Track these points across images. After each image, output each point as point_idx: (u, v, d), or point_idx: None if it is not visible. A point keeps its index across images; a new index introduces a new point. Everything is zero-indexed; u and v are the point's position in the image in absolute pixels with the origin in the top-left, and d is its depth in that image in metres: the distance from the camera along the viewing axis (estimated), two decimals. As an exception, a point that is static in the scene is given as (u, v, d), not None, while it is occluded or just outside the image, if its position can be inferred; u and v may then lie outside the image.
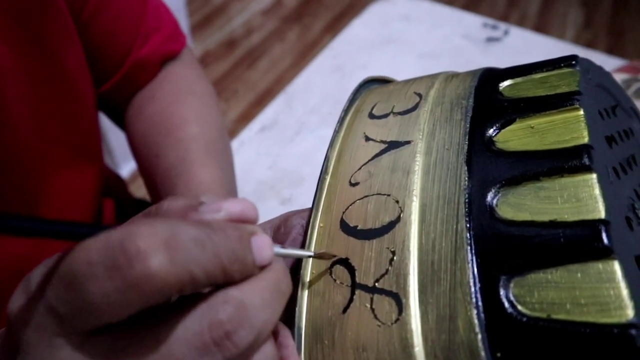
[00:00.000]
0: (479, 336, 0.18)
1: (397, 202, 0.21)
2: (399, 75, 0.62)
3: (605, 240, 0.17)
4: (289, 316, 0.29)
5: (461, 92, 0.25)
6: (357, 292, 0.20)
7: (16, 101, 0.36)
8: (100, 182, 0.48)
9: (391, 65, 0.64)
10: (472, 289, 0.18)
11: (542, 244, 0.18)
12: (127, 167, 1.39)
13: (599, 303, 0.16)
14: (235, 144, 0.54)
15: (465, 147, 0.22)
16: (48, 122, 0.39)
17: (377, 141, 0.25)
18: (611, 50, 1.97)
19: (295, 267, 0.28)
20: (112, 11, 0.42)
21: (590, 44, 1.99)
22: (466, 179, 0.21)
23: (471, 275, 0.18)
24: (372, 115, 0.26)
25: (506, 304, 0.18)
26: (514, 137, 0.21)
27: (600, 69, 0.25)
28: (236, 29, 2.01)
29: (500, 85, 0.24)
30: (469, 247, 0.19)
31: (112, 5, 0.42)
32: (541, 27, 2.09)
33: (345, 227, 0.22)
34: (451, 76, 0.27)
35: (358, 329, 0.20)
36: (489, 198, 0.20)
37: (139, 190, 1.36)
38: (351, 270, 0.21)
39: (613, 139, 0.22)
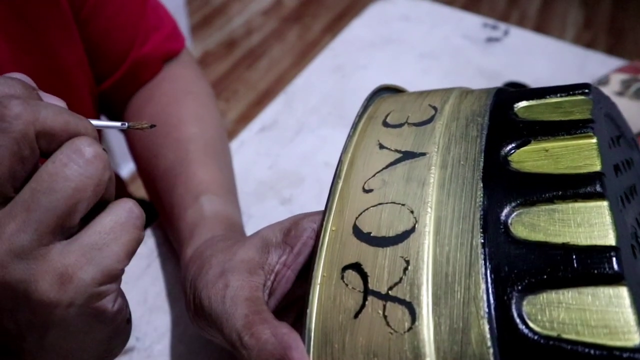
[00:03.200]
0: (491, 350, 0.18)
1: (412, 212, 0.22)
2: (399, 75, 0.63)
3: (617, 267, 0.17)
4: (298, 318, 0.29)
5: (476, 109, 0.25)
6: (369, 298, 0.21)
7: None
8: None
9: (391, 65, 0.64)
10: (486, 304, 0.19)
11: (555, 265, 0.18)
12: (127, 167, 1.39)
13: (608, 326, 0.17)
14: (235, 144, 0.54)
15: (481, 163, 0.22)
16: None
17: (391, 150, 0.25)
18: (611, 51, 1.96)
19: (306, 269, 0.28)
20: (111, 8, 0.43)
21: (590, 44, 1.99)
22: (482, 195, 0.21)
23: (485, 290, 0.19)
24: (386, 124, 0.27)
25: (518, 321, 0.18)
26: (528, 158, 0.22)
27: (607, 98, 0.26)
28: (236, 29, 2.01)
29: (515, 106, 0.25)
30: (483, 262, 0.19)
31: (111, 3, 0.42)
32: (541, 27, 2.09)
33: (358, 232, 0.22)
34: (465, 92, 0.28)
35: (370, 335, 0.20)
36: (503, 216, 0.20)
37: (139, 190, 1.36)
38: (364, 276, 0.21)
39: (618, 168, 0.23)
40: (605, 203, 0.19)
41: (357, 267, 0.22)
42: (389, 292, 0.20)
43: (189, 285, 0.30)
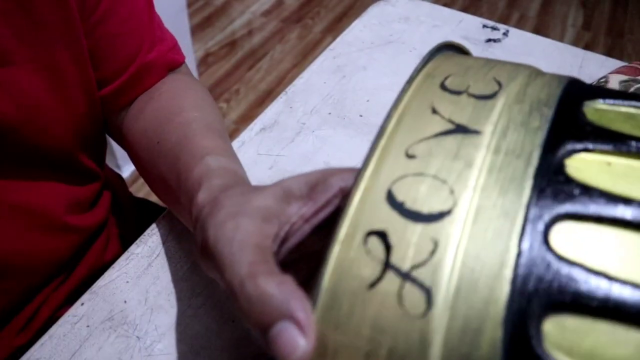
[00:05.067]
0: None
1: (453, 192, 0.20)
2: (400, 76, 0.63)
3: None
4: (307, 275, 0.28)
5: (543, 98, 0.23)
6: (388, 272, 0.19)
7: (24, 83, 0.37)
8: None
9: (391, 66, 0.64)
10: (505, 312, 0.18)
11: (590, 293, 0.17)
12: (129, 169, 1.40)
13: None
14: (235, 144, 0.54)
15: (537, 159, 0.20)
16: (38, 112, 0.40)
17: (444, 118, 0.23)
18: (610, 52, 1.97)
19: (324, 225, 0.27)
20: (121, 15, 0.44)
21: (589, 45, 2.00)
22: (529, 194, 0.19)
23: (508, 296, 0.18)
24: (443, 87, 0.24)
25: (534, 338, 0.17)
26: (588, 167, 0.20)
27: None
28: (237, 30, 2.01)
29: (586, 104, 0.23)
30: (513, 266, 0.18)
31: (121, 10, 0.44)
32: (541, 28, 2.09)
33: (391, 199, 0.21)
34: (535, 73, 0.25)
35: (380, 309, 0.19)
36: (546, 223, 0.19)
37: (140, 190, 1.36)
38: (387, 247, 0.20)
39: None
40: None
41: (382, 235, 0.20)
42: (411, 271, 0.19)
43: (200, 225, 0.29)
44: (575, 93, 0.23)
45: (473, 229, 0.19)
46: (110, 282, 0.42)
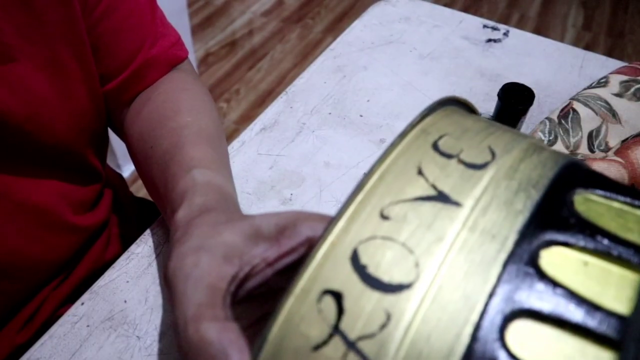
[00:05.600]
0: None
1: (417, 266, 0.19)
2: (400, 76, 0.63)
3: (619, 336, 0.16)
4: (258, 319, 0.28)
5: (534, 177, 0.22)
6: (335, 337, 0.19)
7: (27, 80, 0.37)
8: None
9: (392, 66, 0.64)
10: None
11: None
12: (129, 169, 1.40)
13: None
14: (236, 144, 0.54)
15: (511, 246, 0.19)
16: (41, 108, 0.40)
17: (428, 181, 0.22)
18: (610, 52, 1.97)
19: (291, 270, 0.27)
20: (123, 11, 0.44)
21: (589, 46, 2.00)
22: (494, 282, 0.19)
23: None
24: (435, 147, 0.23)
25: None
26: (562, 263, 0.19)
27: None
28: (237, 30, 2.01)
29: (577, 191, 0.22)
30: (462, 358, 0.17)
31: (123, 6, 0.44)
32: (541, 28, 2.09)
33: (355, 259, 0.20)
34: (534, 148, 0.24)
35: None
36: (504, 317, 0.18)
37: (140, 190, 1.36)
38: (340, 310, 0.19)
39: None
40: (615, 356, 0.17)
41: (338, 296, 0.19)
42: (357, 342, 0.18)
43: (169, 249, 0.29)
44: (569, 177, 0.22)
45: (429, 310, 0.18)
46: (110, 281, 0.42)
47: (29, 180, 0.41)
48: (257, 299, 0.29)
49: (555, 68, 0.64)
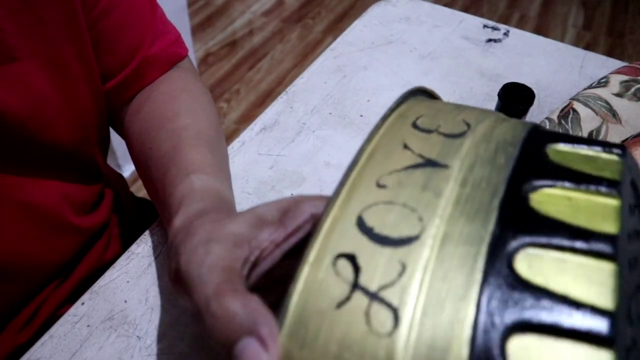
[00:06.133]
0: None
1: (421, 220, 0.21)
2: (400, 76, 0.63)
3: (610, 333, 0.17)
4: (278, 299, 0.29)
5: (509, 139, 0.25)
6: (356, 292, 0.20)
7: (29, 79, 0.37)
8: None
9: (392, 66, 0.64)
10: (471, 331, 0.18)
11: (550, 313, 0.18)
12: (130, 169, 1.40)
13: None
14: (236, 144, 0.54)
15: (502, 192, 0.22)
16: (43, 107, 0.40)
17: (415, 153, 0.24)
18: (611, 52, 1.97)
19: (295, 250, 0.28)
20: (123, 8, 0.44)
21: (590, 46, 2.00)
22: (494, 223, 0.21)
23: (474, 318, 0.19)
24: (415, 126, 0.26)
25: (498, 357, 0.18)
26: (549, 201, 0.21)
27: (636, 165, 0.26)
28: (238, 30, 2.01)
29: (548, 146, 0.24)
30: (478, 289, 0.19)
31: (122, 4, 0.44)
32: (541, 28, 2.09)
33: (361, 224, 0.22)
34: (502, 119, 0.27)
35: (347, 328, 0.20)
36: (510, 250, 0.20)
37: (141, 190, 1.36)
38: (356, 269, 0.21)
39: (630, 236, 0.23)
40: (614, 267, 0.19)
41: (351, 257, 0.21)
42: (379, 292, 0.20)
43: (174, 251, 0.30)
44: (538, 136, 0.25)
45: (440, 254, 0.20)
46: (110, 281, 0.42)
47: (31, 181, 0.41)
48: (263, 292, 0.29)
49: (556, 68, 0.64)
